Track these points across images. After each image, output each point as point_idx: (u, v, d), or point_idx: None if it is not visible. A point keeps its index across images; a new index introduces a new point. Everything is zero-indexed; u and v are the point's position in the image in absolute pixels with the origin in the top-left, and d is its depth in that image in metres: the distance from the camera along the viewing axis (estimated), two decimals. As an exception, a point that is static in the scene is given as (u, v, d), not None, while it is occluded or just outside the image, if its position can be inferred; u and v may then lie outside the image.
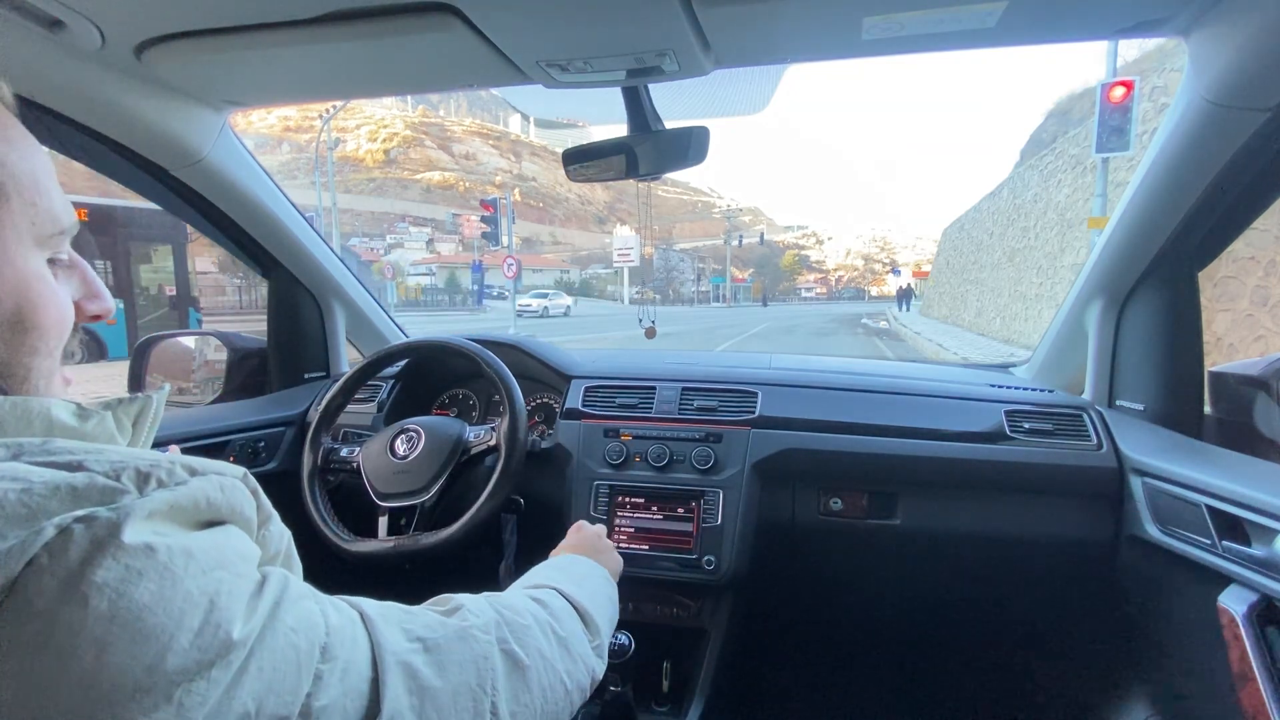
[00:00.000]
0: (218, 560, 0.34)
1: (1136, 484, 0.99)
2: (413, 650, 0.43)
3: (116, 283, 9.78)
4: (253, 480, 0.43)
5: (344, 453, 1.13)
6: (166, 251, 10.46)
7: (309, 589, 0.42)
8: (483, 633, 0.49)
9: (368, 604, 0.45)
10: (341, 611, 0.42)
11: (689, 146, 0.95)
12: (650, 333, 1.98)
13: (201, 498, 0.36)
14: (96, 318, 0.46)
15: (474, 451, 1.07)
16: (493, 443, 1.06)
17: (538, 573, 0.72)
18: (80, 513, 0.30)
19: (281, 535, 0.48)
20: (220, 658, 0.32)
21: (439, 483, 1.03)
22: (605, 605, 0.70)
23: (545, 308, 29.88)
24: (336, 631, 0.39)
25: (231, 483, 0.40)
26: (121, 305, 9.56)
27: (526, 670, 0.50)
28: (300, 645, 0.36)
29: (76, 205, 0.45)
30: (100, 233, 9.41)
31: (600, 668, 0.62)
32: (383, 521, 1.05)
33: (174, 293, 10.63)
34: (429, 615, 0.48)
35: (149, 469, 0.35)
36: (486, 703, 0.45)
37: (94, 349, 7.16)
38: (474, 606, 0.51)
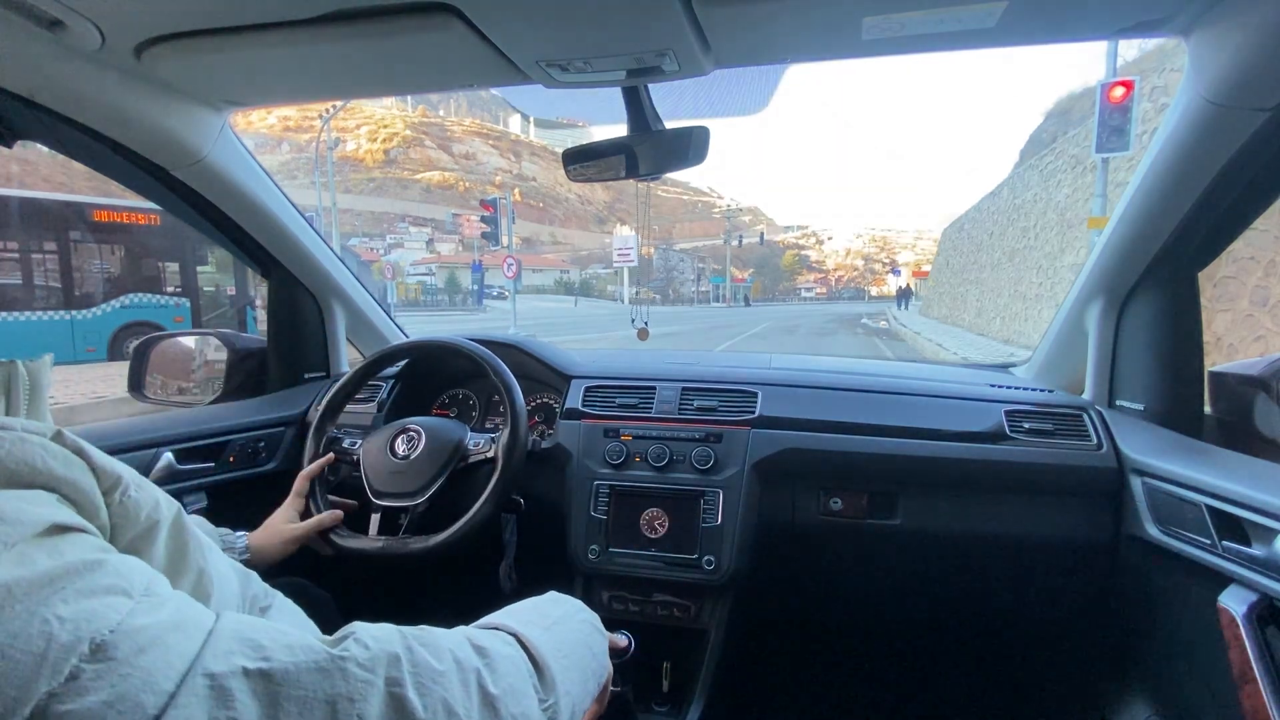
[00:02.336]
0: None
1: (1136, 484, 0.99)
2: (241, 674, 0.35)
3: (185, 283, 10.14)
4: (73, 439, 0.40)
5: (345, 444, 1.13)
6: (227, 254, 10.96)
7: (144, 585, 0.37)
8: (362, 669, 0.40)
9: (235, 618, 0.39)
10: (178, 614, 0.37)
11: (689, 146, 0.95)
12: (643, 334, 1.97)
13: None
14: None
15: (471, 460, 1.07)
16: (490, 454, 1.06)
17: (506, 610, 0.62)
18: None
19: (157, 505, 0.45)
20: None
21: (434, 487, 1.03)
22: (578, 657, 0.59)
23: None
24: (134, 634, 0.34)
25: (18, 436, 0.38)
26: (188, 304, 10.02)
27: None
28: (58, 637, 0.31)
29: (153, 212, 0.47)
30: (169, 237, 9.72)
31: None
32: (375, 520, 1.05)
33: (234, 292, 11.04)
34: (294, 638, 0.40)
35: None
36: None
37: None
38: (371, 636, 0.43)
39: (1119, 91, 6.70)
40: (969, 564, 1.22)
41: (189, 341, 1.59)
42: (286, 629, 0.41)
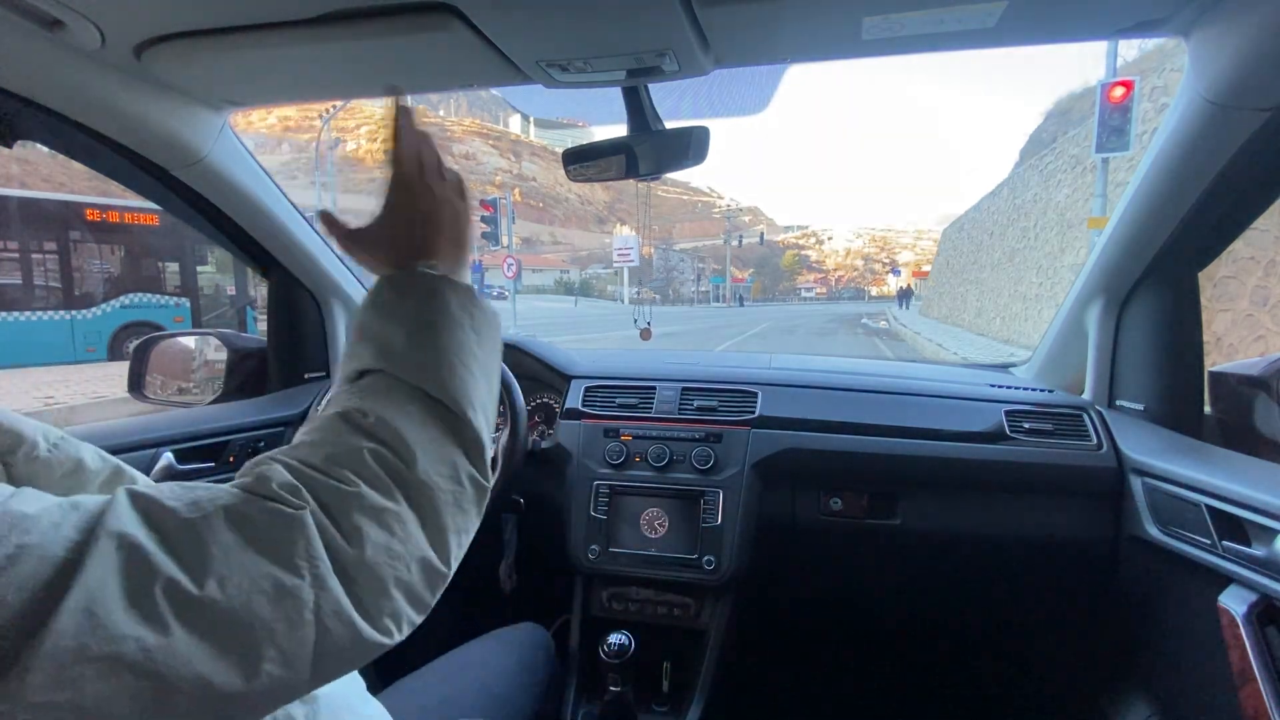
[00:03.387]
0: None
1: (1136, 484, 0.99)
2: (149, 524, 0.32)
3: (185, 283, 10.18)
4: None
5: None
6: (227, 255, 11.00)
7: (34, 494, 0.33)
8: (279, 502, 0.37)
9: (138, 483, 0.37)
10: (70, 499, 0.33)
11: (689, 146, 0.95)
12: (645, 334, 1.99)
13: None
14: None
15: None
16: (490, 454, 1.06)
17: (366, 339, 0.49)
18: None
19: (80, 465, 0.45)
20: None
21: None
22: (471, 366, 0.49)
23: None
24: (19, 512, 0.30)
25: None
26: (188, 304, 10.05)
27: (360, 557, 0.38)
28: None
29: (153, 211, 0.45)
30: (168, 236, 9.79)
31: (482, 466, 0.48)
32: None
33: (234, 292, 11.09)
34: (201, 491, 0.36)
35: None
36: (306, 597, 0.34)
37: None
38: (279, 470, 0.39)
39: (1119, 91, 6.70)
40: (969, 564, 1.21)
41: (189, 341, 1.59)
42: (195, 485, 0.37)
